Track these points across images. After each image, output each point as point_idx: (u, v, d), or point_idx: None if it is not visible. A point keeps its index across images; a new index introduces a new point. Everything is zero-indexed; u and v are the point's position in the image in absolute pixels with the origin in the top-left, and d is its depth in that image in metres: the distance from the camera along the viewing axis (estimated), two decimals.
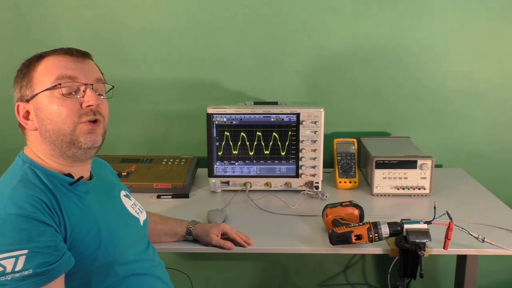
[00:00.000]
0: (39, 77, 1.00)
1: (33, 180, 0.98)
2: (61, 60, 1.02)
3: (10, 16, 1.94)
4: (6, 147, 2.02)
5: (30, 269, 0.84)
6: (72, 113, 0.99)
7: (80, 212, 1.00)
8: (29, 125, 1.01)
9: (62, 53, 1.03)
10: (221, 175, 1.74)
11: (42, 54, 1.03)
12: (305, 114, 1.66)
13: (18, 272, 0.83)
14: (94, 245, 0.99)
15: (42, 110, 0.99)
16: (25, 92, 1.01)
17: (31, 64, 1.02)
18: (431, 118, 2.00)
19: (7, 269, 0.82)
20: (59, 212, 0.95)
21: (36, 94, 0.99)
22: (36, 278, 0.85)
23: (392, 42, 1.92)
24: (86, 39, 1.94)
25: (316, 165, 1.70)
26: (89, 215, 1.01)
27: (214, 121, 1.69)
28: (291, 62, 1.96)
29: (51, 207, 0.94)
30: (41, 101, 0.99)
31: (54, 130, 0.99)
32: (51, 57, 1.02)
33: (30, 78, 1.01)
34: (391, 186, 1.68)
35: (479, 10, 1.88)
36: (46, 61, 1.01)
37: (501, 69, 1.94)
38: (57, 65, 1.01)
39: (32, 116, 1.01)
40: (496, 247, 1.27)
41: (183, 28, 1.94)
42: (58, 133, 0.99)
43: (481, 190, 1.76)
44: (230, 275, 2.20)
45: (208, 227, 1.37)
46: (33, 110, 1.00)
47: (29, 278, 0.84)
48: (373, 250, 1.33)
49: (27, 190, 0.94)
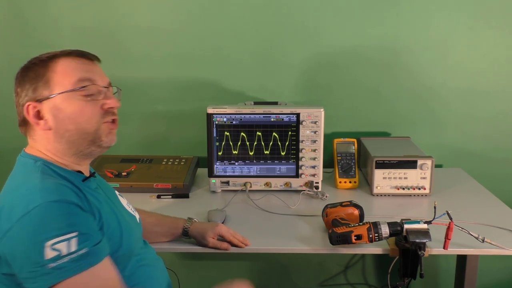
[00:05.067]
0: (57, 78, 1.01)
1: (53, 175, 1.00)
2: (78, 63, 1.04)
3: (10, 16, 1.94)
4: (6, 147, 2.02)
5: (83, 249, 0.88)
6: (96, 115, 1.04)
7: (99, 204, 1.03)
8: (42, 125, 1.02)
9: (78, 55, 1.05)
10: (221, 175, 1.74)
11: (55, 55, 1.04)
12: (305, 114, 1.66)
13: (74, 252, 0.86)
14: (117, 234, 1.04)
15: (63, 110, 1.01)
16: (41, 93, 1.01)
17: (45, 65, 1.02)
18: (431, 118, 2.00)
19: (63, 252, 0.86)
20: (86, 201, 0.98)
21: (54, 94, 1.01)
22: (89, 257, 0.89)
23: (392, 42, 1.92)
24: (86, 39, 1.94)
25: (316, 165, 1.70)
26: (107, 207, 1.06)
27: (214, 121, 1.69)
28: (291, 62, 1.96)
29: (81, 195, 0.98)
30: (61, 102, 1.01)
31: (77, 130, 1.02)
32: (67, 58, 1.03)
33: (47, 79, 1.01)
34: (391, 186, 1.68)
35: (479, 10, 1.88)
36: (62, 63, 1.03)
37: (501, 69, 1.94)
38: (76, 67, 1.03)
39: (47, 116, 1.01)
40: (496, 247, 1.27)
41: (183, 28, 1.94)
42: (81, 133, 1.02)
43: (481, 190, 1.76)
44: (230, 275, 2.20)
45: (203, 230, 1.35)
46: (50, 110, 1.01)
47: (84, 258, 0.88)
48: (373, 250, 1.33)
49: (56, 180, 0.97)
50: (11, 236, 0.87)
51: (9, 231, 0.88)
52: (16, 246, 0.87)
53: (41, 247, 0.84)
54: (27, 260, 0.86)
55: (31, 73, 1.03)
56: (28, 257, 0.86)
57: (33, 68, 1.03)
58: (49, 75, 1.01)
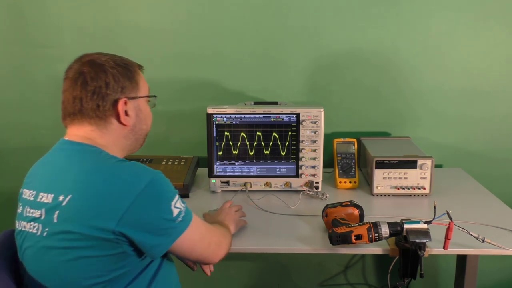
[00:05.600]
0: (141, 83, 1.18)
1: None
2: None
3: (10, 16, 1.94)
4: (6, 147, 2.04)
5: (184, 204, 1.08)
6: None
7: None
8: (127, 120, 1.13)
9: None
10: (221, 175, 1.74)
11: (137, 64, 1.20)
12: (305, 114, 1.66)
13: (184, 208, 1.07)
14: None
15: (142, 112, 1.18)
16: (130, 92, 1.14)
17: (135, 69, 1.17)
18: (431, 118, 2.00)
19: (181, 208, 1.06)
20: None
21: (139, 97, 1.17)
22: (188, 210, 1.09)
23: (392, 42, 1.92)
24: (86, 39, 1.95)
25: (316, 165, 1.70)
26: None
27: (214, 121, 1.69)
28: (291, 62, 1.96)
29: None
30: (142, 105, 1.18)
31: (146, 130, 1.22)
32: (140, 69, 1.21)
33: (136, 82, 1.16)
34: (391, 186, 1.68)
35: (479, 10, 1.88)
36: (140, 72, 1.20)
37: (501, 69, 1.94)
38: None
39: (131, 113, 1.14)
40: (496, 247, 1.27)
41: (183, 28, 1.94)
42: (145, 133, 1.22)
43: (481, 190, 1.76)
44: (230, 275, 2.20)
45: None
46: (134, 109, 1.15)
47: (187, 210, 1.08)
48: (373, 250, 1.33)
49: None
50: (135, 209, 0.98)
51: (132, 205, 0.98)
52: (146, 214, 1.00)
53: (169, 208, 1.03)
54: (160, 221, 1.02)
55: (127, 72, 1.14)
56: (160, 218, 1.02)
57: (128, 68, 1.15)
58: (137, 79, 1.17)
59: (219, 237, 1.21)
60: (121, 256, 1.02)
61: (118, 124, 1.12)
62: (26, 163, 2.11)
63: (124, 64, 1.14)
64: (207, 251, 1.16)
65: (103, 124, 1.11)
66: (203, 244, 1.14)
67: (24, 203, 1.09)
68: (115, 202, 0.98)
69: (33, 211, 1.05)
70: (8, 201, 2.15)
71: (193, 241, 1.10)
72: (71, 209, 0.99)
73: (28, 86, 1.97)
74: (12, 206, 2.16)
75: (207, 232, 1.16)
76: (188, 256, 1.15)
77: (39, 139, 2.02)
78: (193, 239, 1.10)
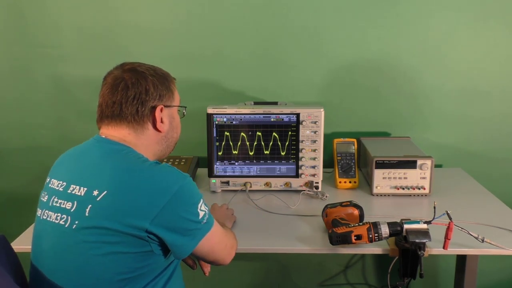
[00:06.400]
0: (176, 93, 1.25)
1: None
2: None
3: (10, 16, 1.95)
4: (6, 147, 2.03)
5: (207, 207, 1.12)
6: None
7: None
8: (161, 126, 1.18)
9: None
10: (221, 175, 1.74)
11: (172, 76, 1.25)
12: (305, 114, 1.66)
13: (207, 210, 1.11)
14: None
15: (175, 120, 1.24)
16: (166, 100, 1.19)
17: (171, 80, 1.23)
18: (431, 118, 2.00)
19: (206, 211, 1.10)
20: None
21: (174, 106, 1.23)
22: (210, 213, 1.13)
23: (392, 42, 1.92)
24: (86, 39, 1.94)
25: (316, 165, 1.70)
26: None
27: (214, 121, 1.69)
28: (291, 62, 1.96)
29: None
30: (175, 113, 1.24)
31: (176, 138, 1.27)
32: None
33: (172, 91, 1.22)
34: (391, 186, 1.68)
35: (479, 10, 1.88)
36: (174, 83, 1.25)
37: (501, 69, 1.94)
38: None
39: (165, 120, 1.19)
40: (496, 247, 1.27)
41: (183, 28, 1.94)
42: (176, 141, 1.27)
43: (481, 190, 1.76)
44: (230, 275, 2.20)
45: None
46: (168, 117, 1.20)
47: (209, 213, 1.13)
48: (373, 250, 1.33)
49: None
50: (168, 210, 1.02)
51: (166, 206, 1.02)
52: (177, 215, 1.04)
53: (196, 210, 1.07)
54: (188, 223, 1.06)
55: (165, 81, 1.20)
56: (188, 219, 1.06)
57: (166, 78, 1.21)
58: (172, 88, 1.23)
59: (231, 239, 1.24)
60: (148, 254, 1.05)
61: (153, 130, 1.18)
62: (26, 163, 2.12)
63: (162, 74, 1.21)
64: (223, 253, 1.19)
65: (139, 129, 1.15)
66: (220, 246, 1.17)
67: (52, 192, 1.10)
68: (151, 202, 1.02)
69: (62, 201, 1.06)
70: (8, 201, 2.15)
71: (213, 242, 1.13)
72: (106, 205, 1.01)
73: (28, 86, 1.97)
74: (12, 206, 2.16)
75: (223, 235, 1.18)
76: (205, 257, 1.16)
77: (39, 139, 2.01)
78: (213, 241, 1.13)
